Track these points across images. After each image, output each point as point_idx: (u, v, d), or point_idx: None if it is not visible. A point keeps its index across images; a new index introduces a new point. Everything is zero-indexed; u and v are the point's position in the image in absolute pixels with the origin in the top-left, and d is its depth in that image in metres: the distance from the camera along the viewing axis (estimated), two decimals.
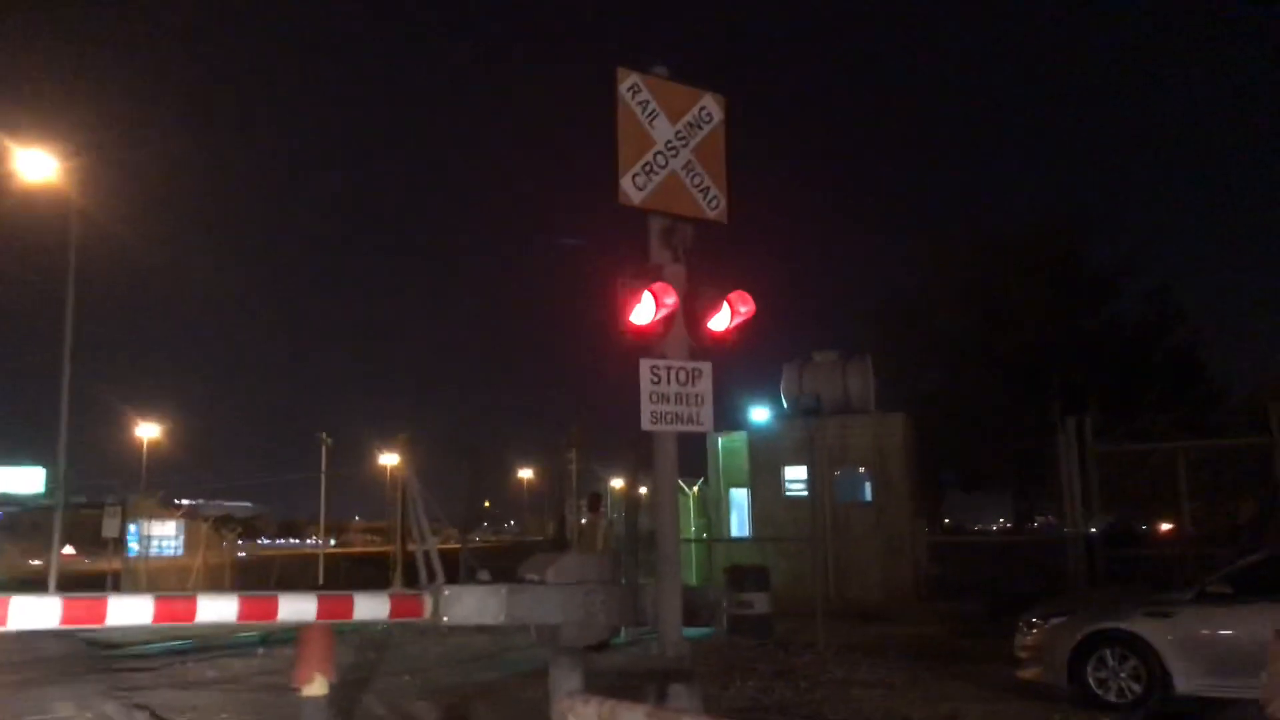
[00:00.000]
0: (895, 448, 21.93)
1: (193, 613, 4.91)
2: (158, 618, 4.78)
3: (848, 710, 9.22)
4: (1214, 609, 8.97)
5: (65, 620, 4.49)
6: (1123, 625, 9.23)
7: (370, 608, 5.57)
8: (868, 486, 21.97)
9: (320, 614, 5.39)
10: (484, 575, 6.02)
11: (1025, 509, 33.96)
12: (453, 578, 6.00)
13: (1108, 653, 9.25)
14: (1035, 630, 10.00)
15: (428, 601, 5.68)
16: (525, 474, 71.49)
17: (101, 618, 4.58)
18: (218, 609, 5.08)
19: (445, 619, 5.62)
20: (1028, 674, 9.91)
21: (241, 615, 5.15)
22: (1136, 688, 9.07)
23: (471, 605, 5.74)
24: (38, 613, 4.43)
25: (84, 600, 4.55)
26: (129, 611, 4.74)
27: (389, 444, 44.94)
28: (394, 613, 5.64)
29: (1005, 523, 45.30)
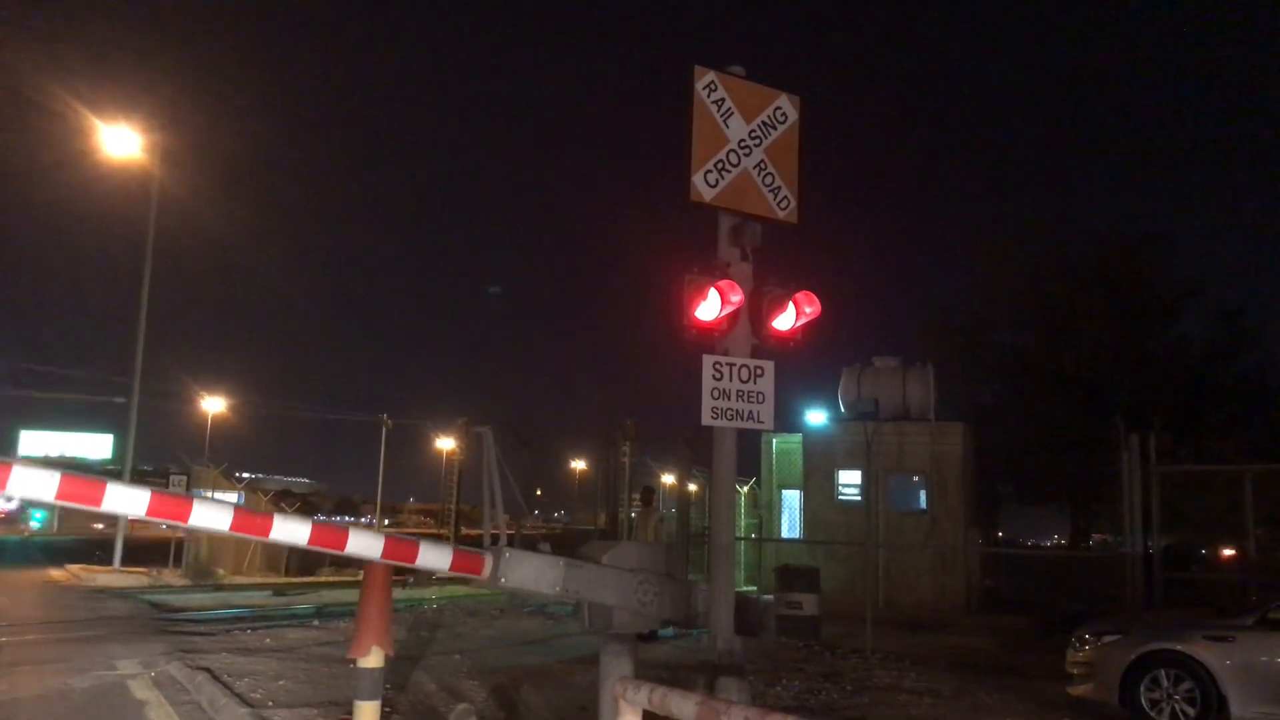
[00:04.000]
0: (953, 457, 21.75)
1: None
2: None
3: (895, 716, 9.22)
4: (1276, 636, 8.82)
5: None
6: (1180, 647, 9.11)
7: (433, 557, 5.69)
8: (923, 495, 21.82)
9: (385, 553, 5.51)
10: (544, 547, 6.14)
11: (1082, 526, 33.41)
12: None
13: (1162, 674, 9.13)
14: (1088, 647, 9.90)
15: (488, 561, 5.80)
16: (578, 464, 72.00)
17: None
18: (290, 531, 5.23)
19: (503, 580, 5.74)
20: (1079, 690, 9.82)
21: (312, 540, 5.29)
22: (1190, 711, 8.95)
23: (530, 572, 5.86)
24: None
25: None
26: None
27: (447, 428, 45.56)
28: (455, 565, 5.75)
29: (1060, 539, 44.61)
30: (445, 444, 49.33)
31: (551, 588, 5.88)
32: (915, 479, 21.91)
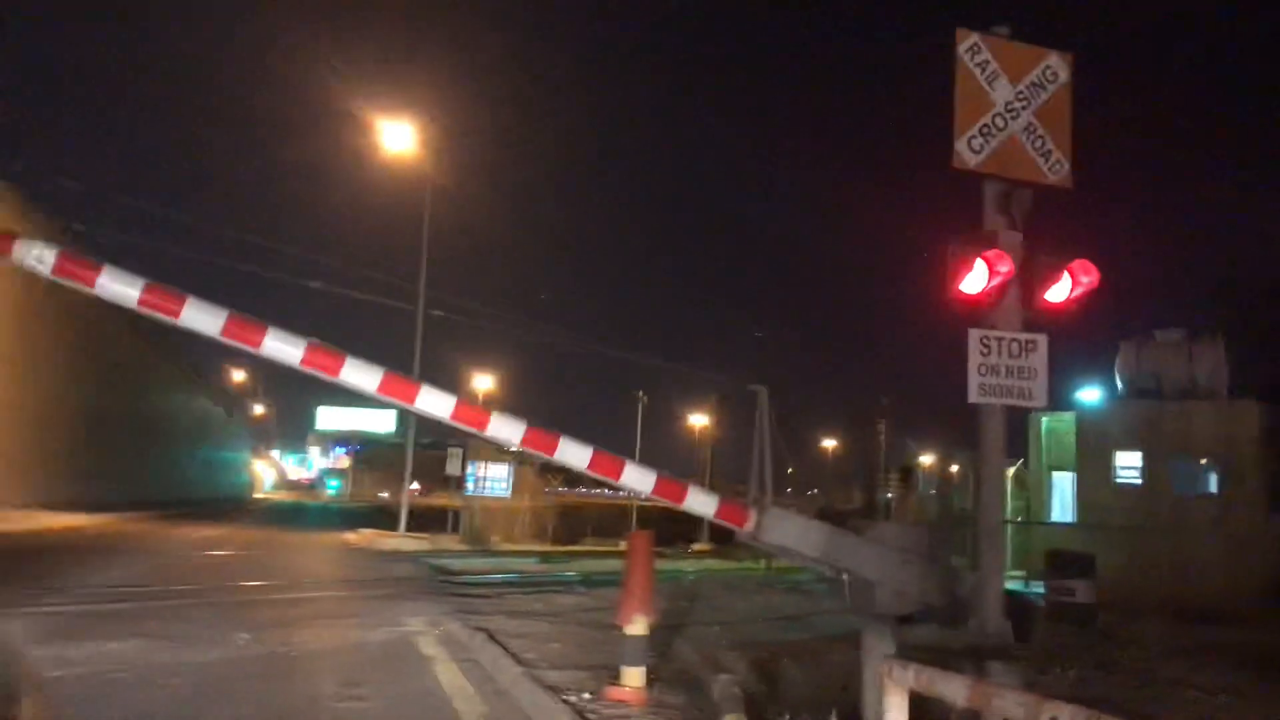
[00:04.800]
0: (1248, 438, 19.92)
1: (555, 448, 5.73)
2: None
3: (1185, 714, 8.58)
4: None
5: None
6: None
7: (700, 502, 5.96)
8: (1212, 478, 20.14)
9: (657, 489, 5.88)
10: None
11: None
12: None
13: None
14: None
15: (752, 515, 5.91)
16: (829, 442, 71.26)
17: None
18: (575, 454, 5.74)
19: (766, 536, 5.84)
20: None
21: (590, 466, 5.74)
22: None
23: (793, 531, 5.92)
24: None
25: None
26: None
27: (699, 404, 46.28)
28: (720, 513, 5.99)
29: None
30: (699, 420, 50.15)
31: (813, 550, 5.91)
32: (1204, 462, 20.25)
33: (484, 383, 47.24)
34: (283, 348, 5.35)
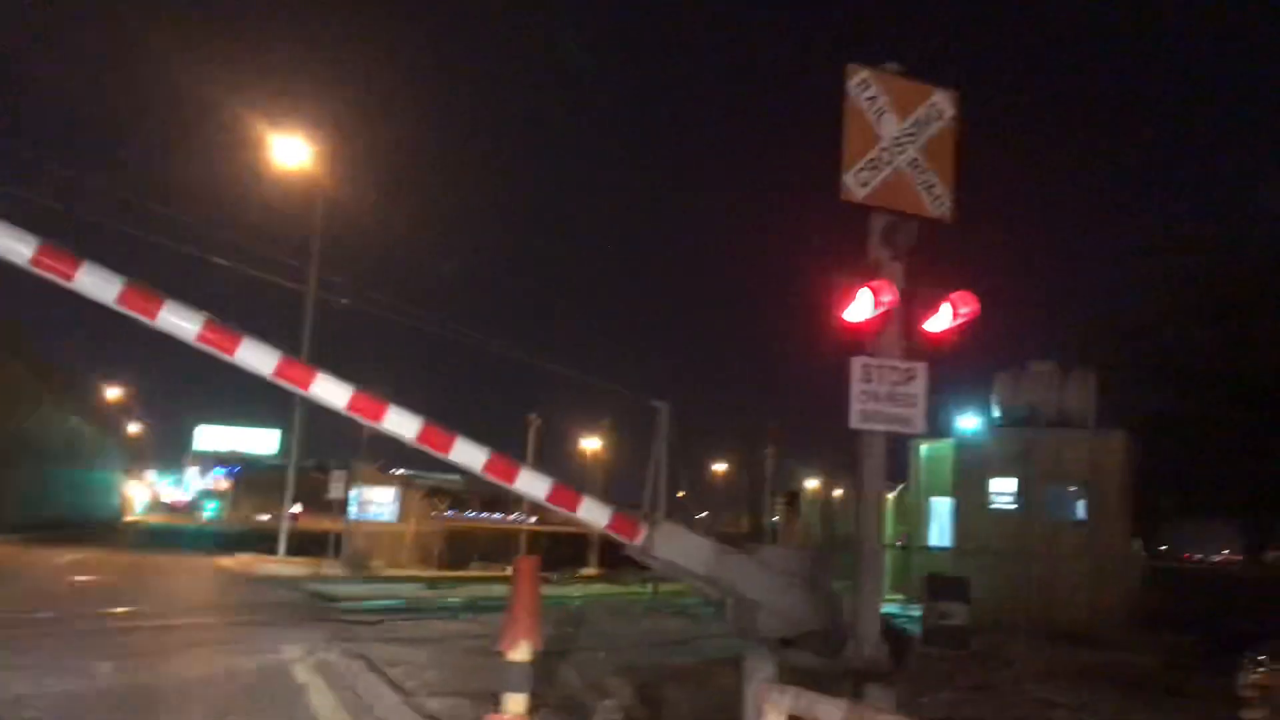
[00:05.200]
0: (1114, 467, 20.82)
1: (450, 447, 5.78)
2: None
3: None
4: None
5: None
6: None
7: (594, 511, 6.06)
8: (1080, 505, 20.95)
9: (551, 496, 5.95)
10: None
11: (1255, 540, 31.47)
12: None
13: None
14: (1264, 670, 9.30)
15: (644, 529, 5.92)
16: (720, 466, 71.88)
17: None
18: (471, 454, 5.80)
19: (656, 550, 5.87)
20: (1252, 716, 9.22)
21: (486, 468, 5.79)
22: None
23: (683, 547, 5.97)
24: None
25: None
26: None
27: (594, 427, 46.22)
28: (612, 525, 6.07)
29: (1228, 553, 42.22)
30: (591, 443, 50.10)
31: (702, 567, 5.96)
32: (1073, 488, 21.05)
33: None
34: (179, 323, 5.25)
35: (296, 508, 32.89)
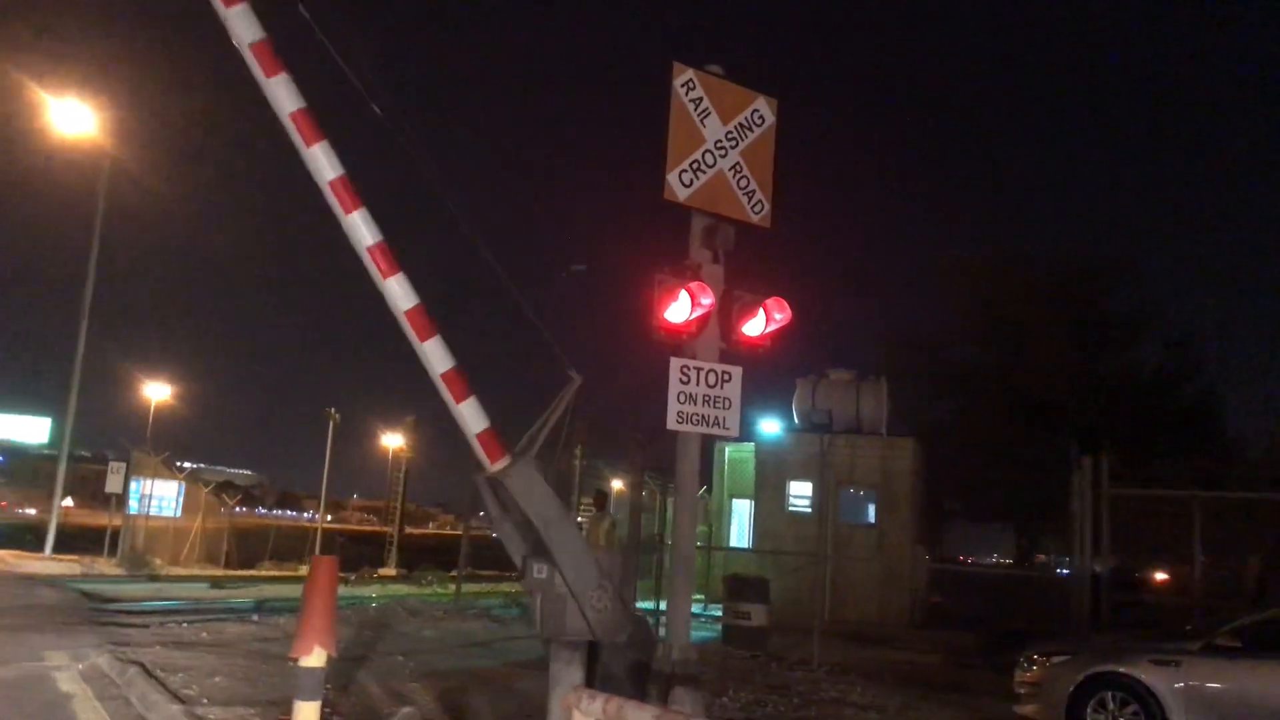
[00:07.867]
0: (902, 472, 21.87)
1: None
2: None
3: None
4: (1222, 662, 8.84)
5: None
6: (1127, 670, 9.11)
7: (473, 413, 6.06)
8: (872, 509, 21.90)
9: (448, 375, 5.98)
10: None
11: (1026, 545, 33.79)
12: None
13: (1109, 696, 9.13)
14: (1036, 666, 9.90)
15: (508, 458, 6.02)
16: None
17: None
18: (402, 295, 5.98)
19: (510, 482, 5.97)
20: (1025, 709, 9.81)
21: (408, 316, 5.98)
22: None
23: (536, 491, 6.21)
24: None
25: None
26: None
27: (394, 425, 44.98)
28: (483, 435, 6.07)
29: (1001, 558, 45.10)
30: (393, 440, 48.76)
31: (540, 516, 5.97)
32: (865, 492, 21.97)
33: (159, 391, 43.51)
34: None
35: (67, 501, 30.54)
